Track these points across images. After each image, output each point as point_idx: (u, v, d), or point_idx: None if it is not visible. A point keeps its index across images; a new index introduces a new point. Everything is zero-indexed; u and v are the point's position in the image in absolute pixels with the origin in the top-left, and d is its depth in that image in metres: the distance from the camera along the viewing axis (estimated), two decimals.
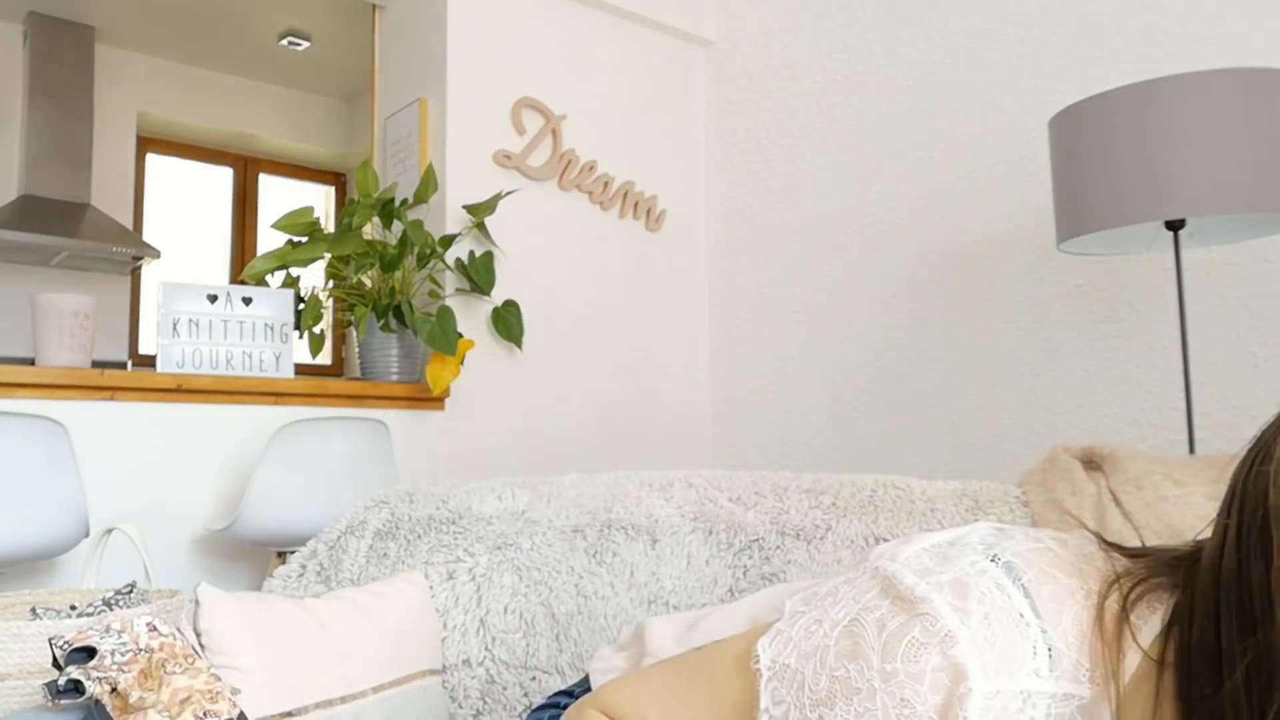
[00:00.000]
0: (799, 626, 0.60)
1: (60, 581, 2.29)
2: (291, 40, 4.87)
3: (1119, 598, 0.55)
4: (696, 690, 0.63)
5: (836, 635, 0.57)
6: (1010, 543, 0.58)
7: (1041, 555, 0.57)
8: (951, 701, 0.52)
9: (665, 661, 0.68)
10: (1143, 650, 0.53)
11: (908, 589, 0.55)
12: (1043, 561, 0.56)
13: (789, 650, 0.59)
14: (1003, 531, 0.60)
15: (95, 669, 0.87)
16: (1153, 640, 0.54)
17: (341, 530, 1.51)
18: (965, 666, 0.52)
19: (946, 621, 0.53)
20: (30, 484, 1.95)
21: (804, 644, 0.58)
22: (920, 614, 0.54)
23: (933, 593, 0.54)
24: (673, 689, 0.64)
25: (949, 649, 0.52)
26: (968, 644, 0.52)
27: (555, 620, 1.30)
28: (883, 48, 3.04)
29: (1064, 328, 2.55)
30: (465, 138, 3.01)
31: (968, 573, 0.55)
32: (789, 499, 1.29)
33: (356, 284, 2.79)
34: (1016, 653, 0.52)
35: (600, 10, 3.37)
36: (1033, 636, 0.53)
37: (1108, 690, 0.53)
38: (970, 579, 0.55)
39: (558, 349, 3.16)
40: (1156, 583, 0.56)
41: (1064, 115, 1.86)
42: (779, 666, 0.58)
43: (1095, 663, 0.53)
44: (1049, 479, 1.16)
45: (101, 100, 4.72)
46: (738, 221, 3.52)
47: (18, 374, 2.22)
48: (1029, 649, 0.53)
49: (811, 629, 0.59)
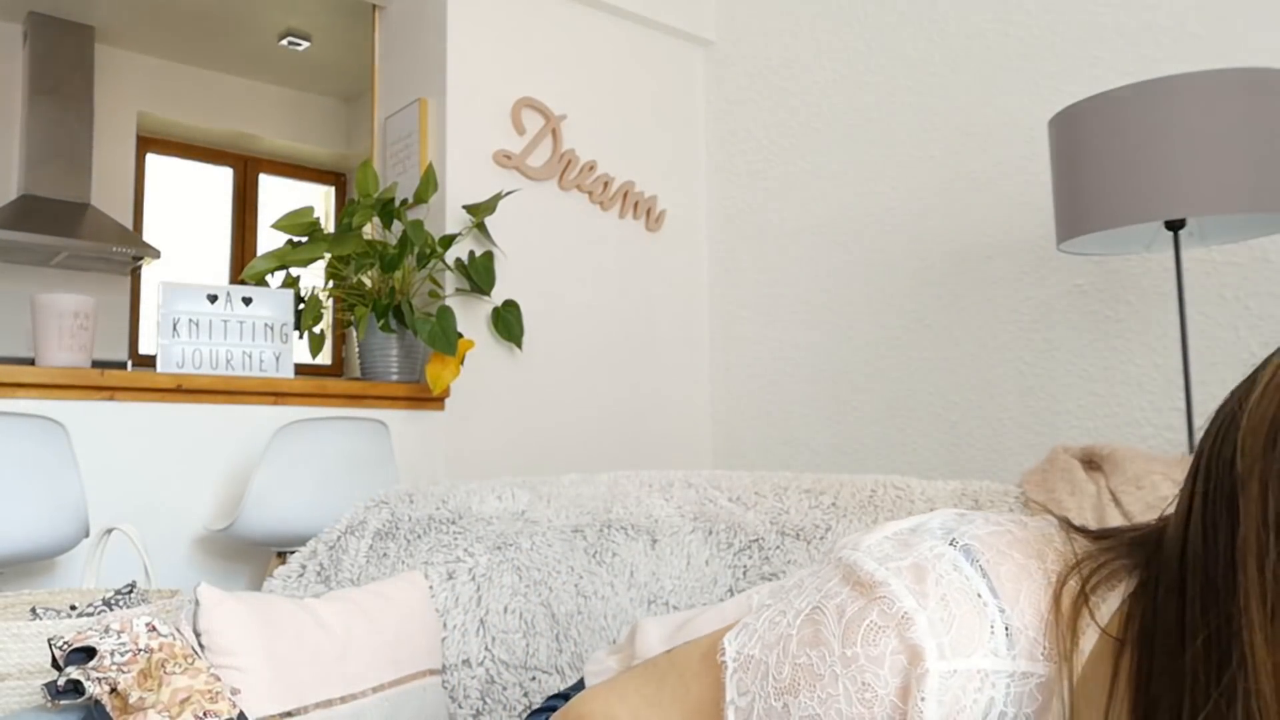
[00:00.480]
0: (764, 619, 0.60)
1: (60, 581, 2.29)
2: (291, 40, 4.87)
3: (1078, 579, 0.55)
4: (666, 692, 0.64)
5: (799, 624, 0.57)
6: (969, 526, 0.58)
7: (1000, 537, 0.57)
8: (909, 683, 0.52)
9: (639, 665, 0.69)
10: (1100, 628, 0.53)
11: (867, 574, 0.56)
12: (1001, 543, 0.57)
13: (753, 641, 0.59)
14: (963, 516, 0.61)
15: (95, 669, 0.87)
16: (1111, 618, 0.54)
17: (341, 530, 1.51)
18: (922, 648, 0.52)
19: (903, 604, 0.53)
20: (30, 484, 1.95)
21: (768, 635, 0.59)
22: (878, 598, 0.54)
23: (891, 577, 0.55)
24: (644, 693, 0.65)
25: (906, 631, 0.52)
26: (924, 625, 0.52)
27: (555, 620, 1.30)
28: (883, 48, 3.04)
29: (1064, 328, 2.55)
30: (465, 138, 3.01)
31: (926, 556, 0.56)
32: (789, 499, 1.29)
33: (356, 284, 2.79)
34: (973, 632, 0.52)
35: (600, 10, 3.37)
36: (990, 616, 0.53)
37: (1064, 668, 0.53)
38: (928, 562, 0.55)
39: (558, 349, 3.16)
40: (1119, 564, 0.56)
41: (1064, 115, 1.86)
42: (744, 658, 0.59)
43: (1053, 641, 0.53)
44: (1049, 479, 1.16)
45: (101, 100, 4.72)
46: (738, 221, 3.52)
47: (18, 374, 2.22)
48: (986, 628, 0.53)
49: (775, 620, 0.59)
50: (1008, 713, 0.53)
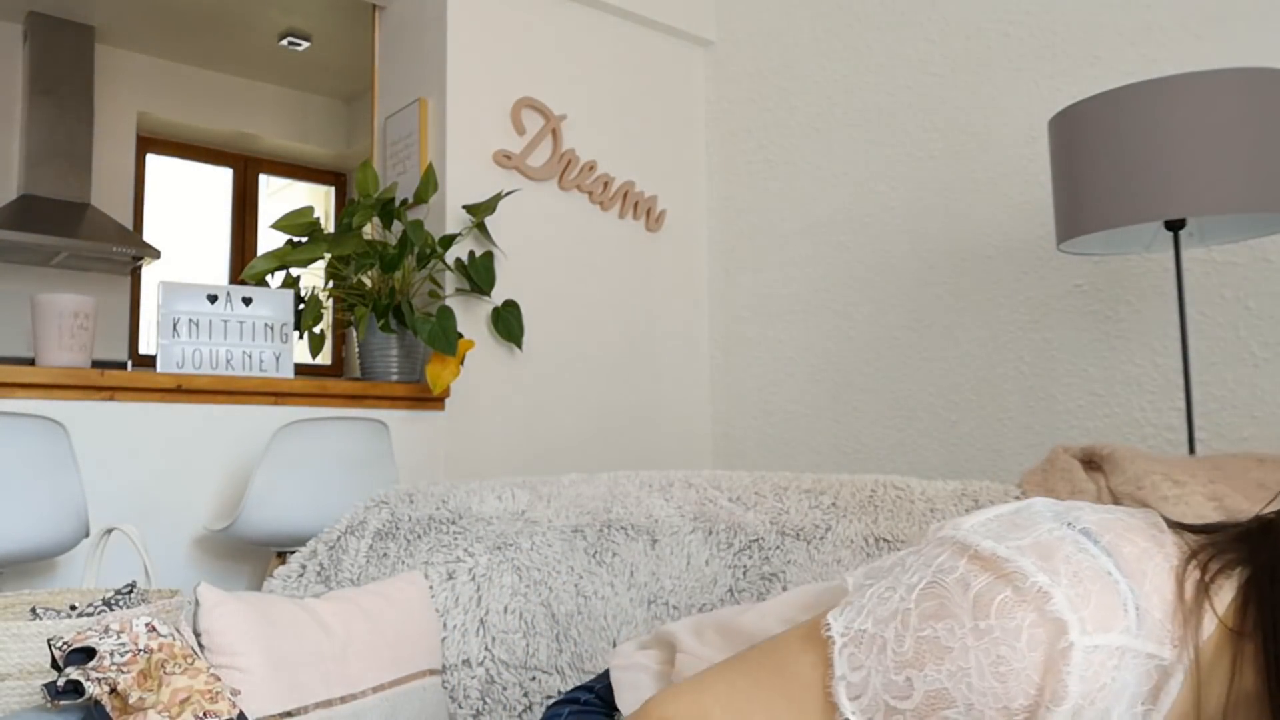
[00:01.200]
0: (871, 595, 0.59)
1: (60, 581, 2.29)
2: (291, 40, 4.87)
3: (1198, 567, 0.55)
4: (764, 679, 0.62)
5: (916, 598, 0.56)
6: (1080, 512, 0.58)
7: (1114, 523, 0.57)
8: (1054, 657, 0.51)
9: (722, 663, 0.68)
10: (1219, 618, 0.53)
11: (988, 551, 0.55)
12: (1118, 527, 0.57)
13: (863, 617, 0.58)
14: (1067, 505, 0.61)
15: (94, 670, 0.87)
16: (1227, 608, 0.54)
17: (341, 530, 1.51)
18: (1065, 621, 0.51)
19: (1037, 579, 0.53)
20: (30, 484, 1.95)
21: (879, 610, 0.57)
22: (1007, 574, 0.54)
23: (1015, 554, 0.54)
24: (737, 685, 0.64)
25: (1044, 605, 0.52)
26: (1062, 600, 0.52)
27: (555, 620, 1.30)
28: (883, 48, 3.04)
29: (1064, 328, 2.55)
30: (465, 138, 3.01)
31: (1047, 537, 0.55)
32: (789, 499, 1.29)
33: (356, 284, 2.79)
34: (1111, 609, 0.52)
35: (600, 10, 3.37)
36: (1123, 594, 0.53)
37: (1183, 655, 0.53)
38: (1052, 541, 0.55)
39: (558, 349, 3.16)
40: (1228, 557, 0.56)
41: (1064, 115, 1.86)
42: (854, 633, 0.58)
43: (1175, 627, 0.53)
44: (1049, 479, 1.16)
45: (101, 100, 4.72)
46: (738, 221, 3.52)
47: (18, 374, 2.21)
48: (1120, 606, 0.53)
49: (885, 595, 0.58)
50: (1138, 694, 0.53)
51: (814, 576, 1.19)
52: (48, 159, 4.35)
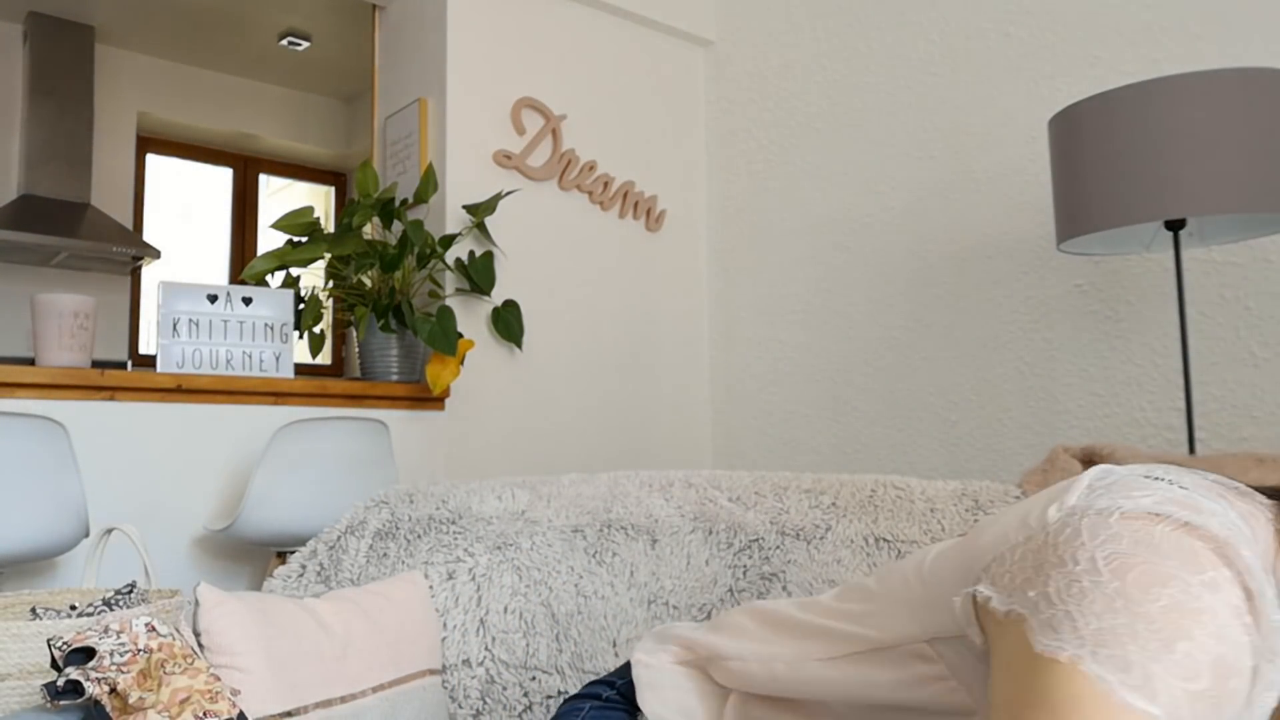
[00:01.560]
0: (1058, 598, 0.54)
1: (60, 581, 2.29)
2: (291, 40, 4.87)
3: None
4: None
5: (1112, 572, 0.53)
6: (1181, 475, 0.59)
7: (1203, 483, 0.58)
8: (1252, 599, 0.52)
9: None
10: None
11: (1141, 509, 0.54)
12: (1216, 488, 0.58)
13: (1077, 621, 0.53)
14: (1145, 466, 0.61)
15: (94, 670, 0.87)
16: None
17: (341, 530, 1.51)
18: (1250, 567, 0.52)
19: (1208, 525, 0.53)
20: (30, 484, 1.95)
21: (1085, 605, 0.53)
22: (1184, 523, 0.53)
23: (1169, 506, 0.54)
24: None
25: (1233, 555, 0.52)
26: (1237, 544, 0.53)
27: (555, 620, 1.30)
28: (883, 48, 3.04)
29: (1064, 328, 2.55)
30: (465, 138, 3.01)
31: (1172, 494, 0.56)
32: (789, 499, 1.29)
33: (356, 284, 2.79)
34: (1266, 552, 0.54)
35: (600, 10, 3.37)
36: (1249, 542, 0.54)
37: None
38: (1181, 497, 0.55)
39: (558, 349, 3.16)
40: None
41: (1064, 115, 1.86)
42: (1091, 632, 0.53)
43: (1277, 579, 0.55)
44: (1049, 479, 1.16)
45: (101, 100, 4.72)
46: (738, 221, 3.52)
47: (18, 374, 2.21)
48: (1257, 553, 0.54)
49: (1071, 590, 0.54)
50: None
51: (814, 576, 1.19)
52: (48, 159, 4.35)
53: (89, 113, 4.51)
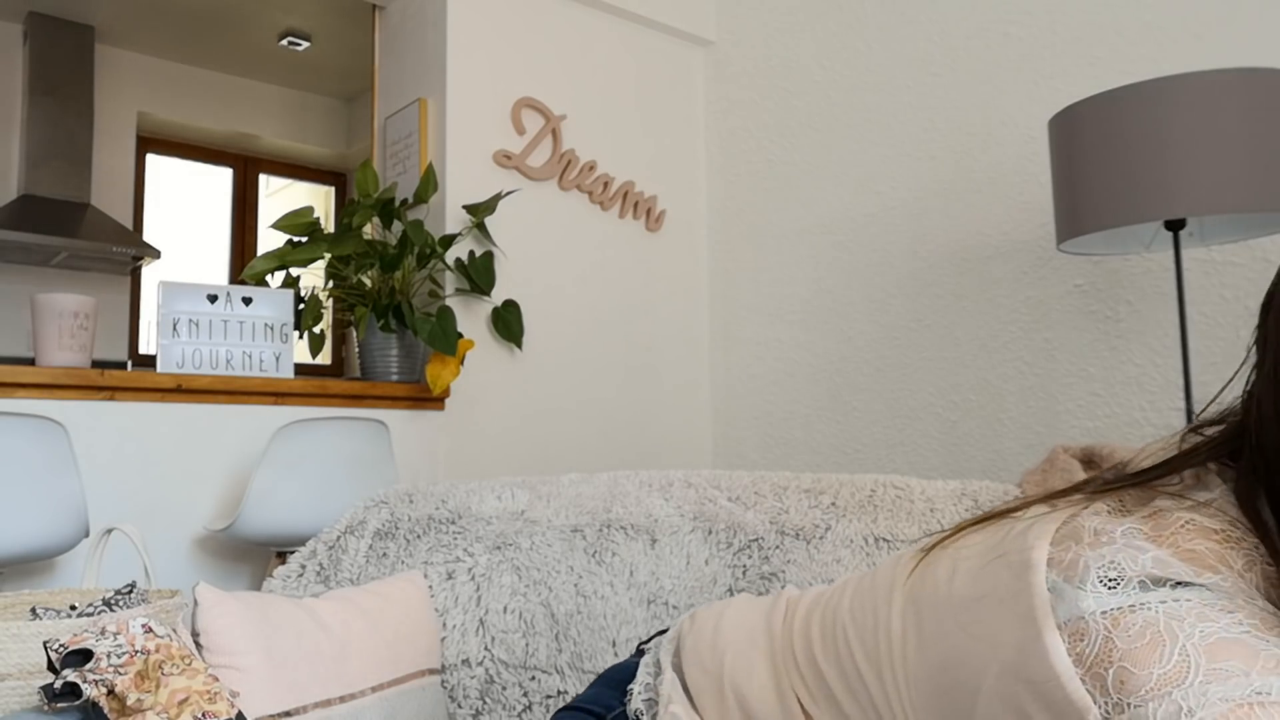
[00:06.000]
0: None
1: (60, 581, 2.29)
2: (291, 40, 4.87)
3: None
4: None
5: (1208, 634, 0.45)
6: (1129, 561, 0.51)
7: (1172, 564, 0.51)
8: None
9: None
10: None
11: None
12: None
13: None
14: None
15: (91, 671, 0.87)
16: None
17: (341, 530, 1.51)
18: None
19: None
20: (30, 484, 1.95)
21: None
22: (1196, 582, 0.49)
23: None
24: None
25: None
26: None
27: (555, 620, 1.30)
28: (883, 48, 3.04)
29: (1064, 328, 2.54)
30: (465, 138, 3.01)
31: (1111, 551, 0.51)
32: (789, 499, 1.29)
33: (356, 284, 2.79)
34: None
35: (600, 10, 3.37)
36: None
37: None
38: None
39: (558, 349, 3.16)
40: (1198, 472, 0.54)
41: (1064, 115, 1.86)
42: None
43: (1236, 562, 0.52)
44: (1049, 479, 1.16)
45: (101, 100, 4.72)
46: (738, 221, 3.52)
47: (18, 374, 2.21)
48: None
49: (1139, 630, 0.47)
50: None
51: (814, 576, 1.19)
52: (48, 159, 4.35)
53: (89, 112, 4.51)
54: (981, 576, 0.56)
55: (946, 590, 0.59)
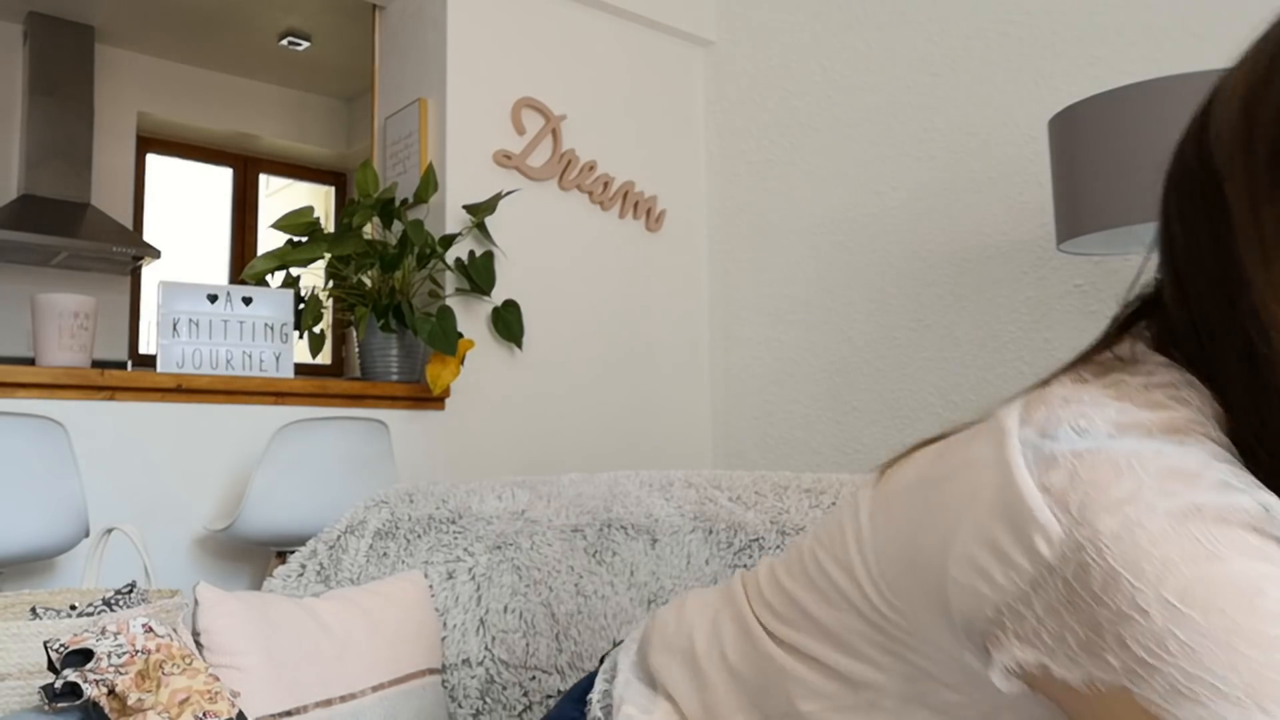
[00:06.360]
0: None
1: (60, 581, 2.29)
2: (291, 40, 4.87)
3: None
4: None
5: (1179, 600, 0.45)
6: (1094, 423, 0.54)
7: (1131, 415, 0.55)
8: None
9: None
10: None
11: (1166, 512, 0.48)
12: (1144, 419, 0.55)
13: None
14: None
15: (92, 671, 0.87)
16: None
17: (341, 530, 1.51)
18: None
19: (1238, 501, 0.50)
20: (30, 484, 1.95)
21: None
22: (1216, 518, 0.48)
23: (1183, 495, 0.49)
24: None
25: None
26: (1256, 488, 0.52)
27: (555, 620, 1.30)
28: (883, 48, 3.04)
29: (1064, 328, 2.54)
30: (465, 138, 3.01)
31: (1160, 467, 0.51)
32: (789, 499, 1.29)
33: (356, 284, 2.79)
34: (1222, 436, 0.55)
35: (600, 10, 3.37)
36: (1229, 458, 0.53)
37: None
38: (1168, 467, 0.50)
39: (558, 349, 3.16)
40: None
41: (1064, 115, 1.86)
42: None
43: None
44: None
45: (101, 100, 4.72)
46: (738, 221, 3.52)
47: (18, 374, 2.21)
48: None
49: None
50: None
51: None
52: (48, 159, 4.36)
53: (89, 112, 4.51)
54: (951, 452, 0.60)
55: (915, 475, 0.62)
